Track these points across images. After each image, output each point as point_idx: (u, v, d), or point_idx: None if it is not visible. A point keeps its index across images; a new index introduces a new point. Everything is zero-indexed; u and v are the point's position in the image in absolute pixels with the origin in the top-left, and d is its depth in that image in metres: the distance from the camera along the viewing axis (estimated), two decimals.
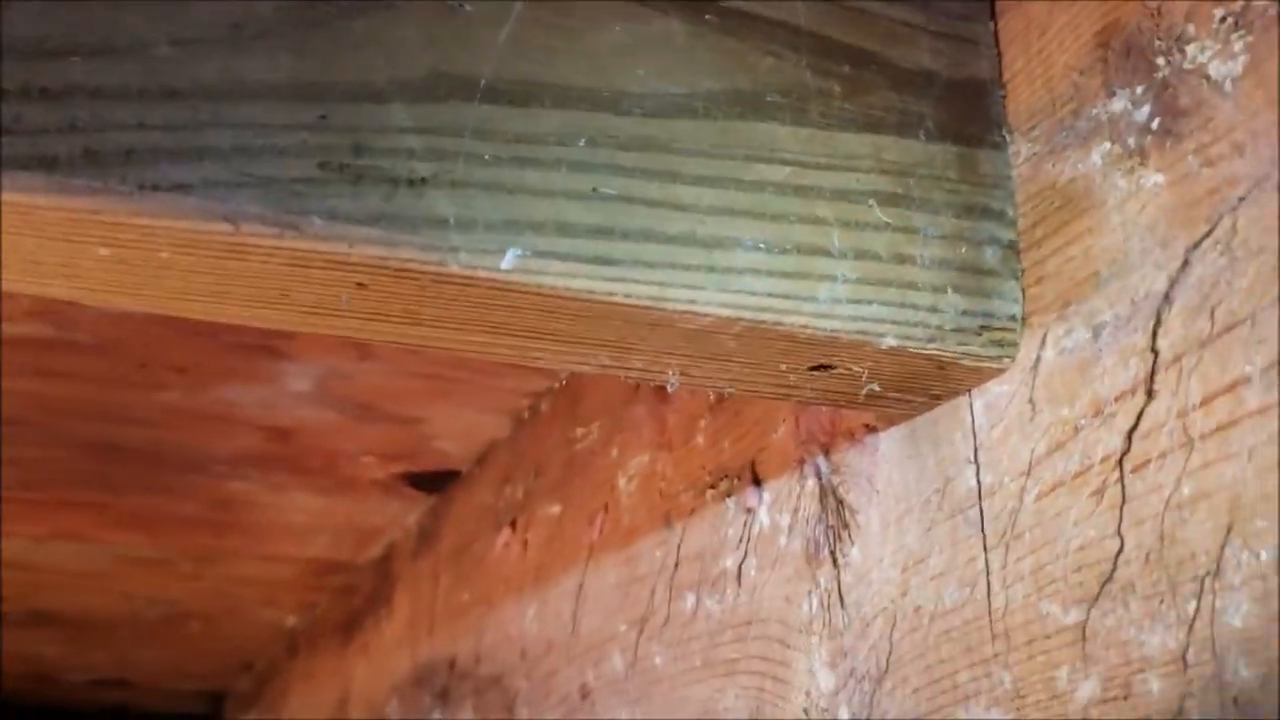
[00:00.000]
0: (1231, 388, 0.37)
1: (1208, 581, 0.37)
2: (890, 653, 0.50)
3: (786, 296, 0.42)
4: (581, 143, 0.41)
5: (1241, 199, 0.38)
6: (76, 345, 0.87)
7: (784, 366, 0.45)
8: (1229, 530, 0.36)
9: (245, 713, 1.68)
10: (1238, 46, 0.39)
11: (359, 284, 0.38)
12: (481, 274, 0.38)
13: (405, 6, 0.39)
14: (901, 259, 0.44)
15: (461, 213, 0.38)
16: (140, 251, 0.36)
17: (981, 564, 0.46)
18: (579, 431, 0.84)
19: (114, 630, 1.58)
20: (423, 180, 0.38)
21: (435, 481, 1.08)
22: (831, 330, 0.43)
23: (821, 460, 0.57)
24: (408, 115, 0.38)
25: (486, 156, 0.39)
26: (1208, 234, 0.39)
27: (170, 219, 0.35)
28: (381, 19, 0.39)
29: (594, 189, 0.40)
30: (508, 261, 0.38)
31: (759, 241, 0.42)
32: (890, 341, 0.43)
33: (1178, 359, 0.39)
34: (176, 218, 0.35)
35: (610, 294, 0.40)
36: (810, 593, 0.56)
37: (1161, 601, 0.38)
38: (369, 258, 0.37)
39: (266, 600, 1.43)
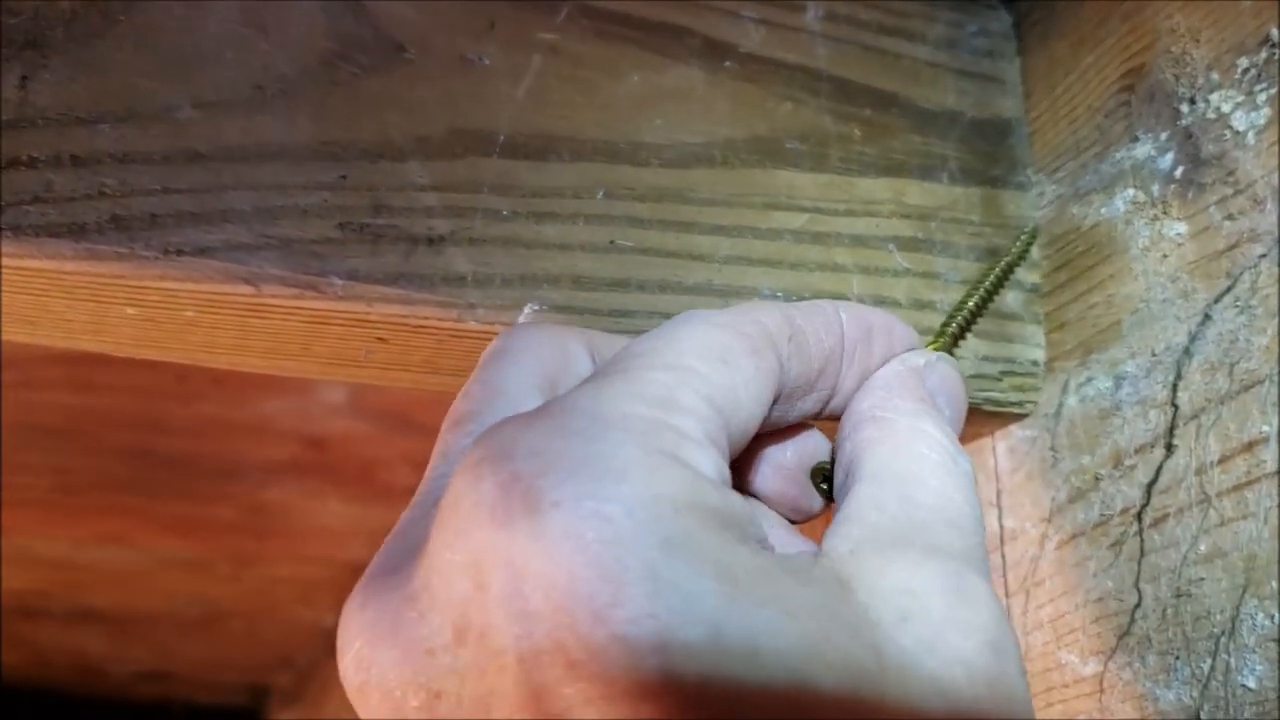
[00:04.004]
0: (1249, 447, 0.36)
1: (1222, 641, 0.36)
2: None
3: None
4: (599, 195, 0.41)
5: (1262, 256, 0.37)
6: (116, 359, 0.89)
7: None
8: (1244, 591, 0.36)
9: (288, 710, 1.71)
10: (1261, 98, 0.38)
11: (379, 338, 0.39)
12: (498, 329, 0.38)
13: (423, 63, 0.40)
14: (921, 305, 0.44)
15: (478, 269, 0.38)
16: (166, 311, 0.37)
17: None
18: None
19: (156, 626, 1.61)
20: (441, 238, 0.38)
21: None
22: None
23: None
24: (426, 173, 0.38)
25: (504, 212, 0.39)
26: (1228, 289, 0.38)
27: (194, 282, 0.35)
28: (400, 76, 0.39)
29: (611, 241, 0.40)
30: (524, 317, 0.38)
31: (776, 290, 0.42)
32: None
33: (1197, 415, 0.39)
34: (200, 281, 0.35)
35: None
36: None
37: (1177, 658, 0.38)
38: (388, 315, 0.37)
39: (303, 599, 1.45)
